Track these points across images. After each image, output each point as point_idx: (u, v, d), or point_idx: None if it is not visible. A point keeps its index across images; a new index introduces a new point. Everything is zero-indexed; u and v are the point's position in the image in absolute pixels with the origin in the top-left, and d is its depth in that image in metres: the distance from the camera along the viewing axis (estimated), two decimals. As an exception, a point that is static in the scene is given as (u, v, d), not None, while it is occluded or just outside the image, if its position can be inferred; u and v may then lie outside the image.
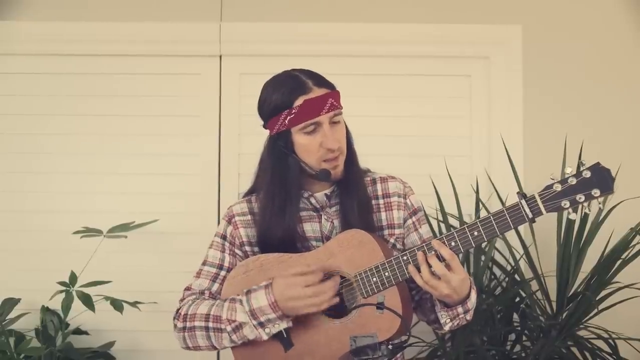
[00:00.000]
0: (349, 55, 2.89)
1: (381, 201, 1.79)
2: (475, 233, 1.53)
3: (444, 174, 2.69)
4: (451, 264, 1.53)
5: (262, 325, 1.60)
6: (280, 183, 1.71)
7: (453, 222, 2.66)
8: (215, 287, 1.77)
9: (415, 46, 2.88)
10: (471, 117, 2.90)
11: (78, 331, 2.72)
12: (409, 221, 1.80)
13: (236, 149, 2.87)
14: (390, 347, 1.43)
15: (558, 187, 1.46)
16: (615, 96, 2.86)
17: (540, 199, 1.47)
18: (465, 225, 1.55)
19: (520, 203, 1.49)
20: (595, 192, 1.44)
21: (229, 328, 1.62)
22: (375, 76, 2.91)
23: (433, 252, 1.55)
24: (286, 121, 1.68)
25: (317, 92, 1.68)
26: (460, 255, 1.59)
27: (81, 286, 2.48)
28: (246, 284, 1.68)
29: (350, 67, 2.86)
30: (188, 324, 1.68)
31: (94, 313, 2.42)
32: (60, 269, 2.60)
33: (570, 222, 2.40)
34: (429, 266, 1.54)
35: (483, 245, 2.55)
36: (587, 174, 1.45)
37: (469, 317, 1.66)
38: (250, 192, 1.84)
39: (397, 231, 1.78)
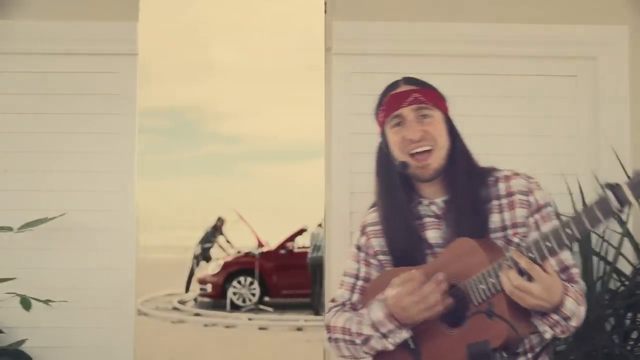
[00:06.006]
0: (455, 55, 2.91)
1: (504, 201, 1.76)
2: (568, 231, 1.45)
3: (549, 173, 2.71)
4: (532, 274, 1.48)
5: (385, 336, 1.66)
6: (386, 187, 1.82)
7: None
8: (355, 297, 1.88)
9: (521, 47, 2.89)
10: (578, 116, 2.90)
11: (-10, 329, 2.71)
12: (531, 219, 1.73)
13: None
14: (505, 355, 1.48)
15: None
16: None
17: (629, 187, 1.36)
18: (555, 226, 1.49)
19: (606, 192, 1.38)
20: None
21: (358, 341, 1.74)
22: (480, 76, 2.92)
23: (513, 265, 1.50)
24: (379, 118, 1.80)
25: (403, 88, 1.77)
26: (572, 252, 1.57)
27: (-13, 283, 2.43)
28: (374, 297, 1.78)
29: (455, 67, 2.89)
30: (332, 335, 1.82)
31: (6, 311, 2.41)
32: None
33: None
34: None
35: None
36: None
37: (574, 323, 1.58)
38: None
39: (520, 230, 1.72)
